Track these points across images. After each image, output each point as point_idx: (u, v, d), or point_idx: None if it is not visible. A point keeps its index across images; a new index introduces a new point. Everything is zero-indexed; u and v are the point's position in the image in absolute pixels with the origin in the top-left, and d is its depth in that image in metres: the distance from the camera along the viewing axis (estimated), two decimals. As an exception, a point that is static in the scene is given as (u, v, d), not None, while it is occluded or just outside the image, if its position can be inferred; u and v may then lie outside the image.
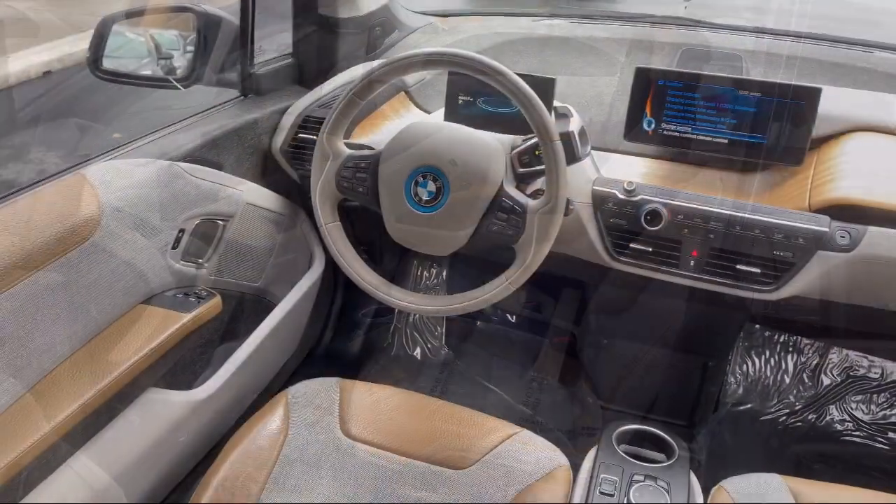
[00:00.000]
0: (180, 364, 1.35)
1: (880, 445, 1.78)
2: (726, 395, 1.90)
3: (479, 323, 2.18)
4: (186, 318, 1.19)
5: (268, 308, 1.52)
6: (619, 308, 1.69)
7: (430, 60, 1.06)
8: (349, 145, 1.17)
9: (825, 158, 1.25)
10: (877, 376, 1.87)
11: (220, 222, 1.35)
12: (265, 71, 1.53)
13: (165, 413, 1.22)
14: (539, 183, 1.21)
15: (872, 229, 1.12)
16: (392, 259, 2.03)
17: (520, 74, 1.04)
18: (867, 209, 1.14)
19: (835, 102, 1.27)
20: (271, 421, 1.15)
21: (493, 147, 1.09)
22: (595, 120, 1.43)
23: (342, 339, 1.96)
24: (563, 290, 2.14)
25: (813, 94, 1.20)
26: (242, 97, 1.52)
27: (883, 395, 1.85)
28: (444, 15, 1.96)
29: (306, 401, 1.18)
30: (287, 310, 1.51)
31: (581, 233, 1.27)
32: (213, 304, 1.26)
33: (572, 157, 1.19)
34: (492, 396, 1.92)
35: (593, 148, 1.34)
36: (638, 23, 1.82)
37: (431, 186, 1.07)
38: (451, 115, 1.33)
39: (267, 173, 1.53)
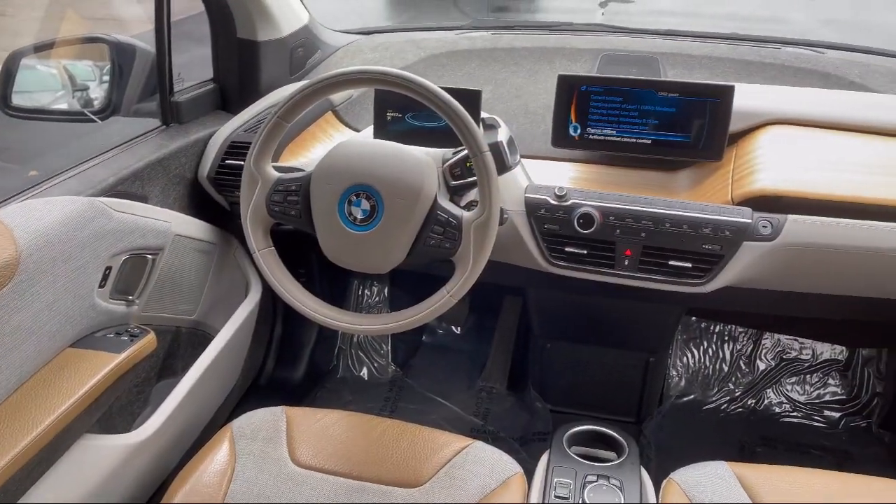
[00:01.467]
0: (116, 406, 1.29)
1: (817, 424, 1.86)
2: (669, 388, 1.95)
3: (424, 337, 2.18)
4: (119, 358, 1.14)
5: (205, 340, 1.48)
6: (560, 312, 1.71)
7: (354, 79, 1.05)
8: (278, 168, 1.15)
9: (743, 153, 1.30)
10: (808, 357, 1.96)
11: (149, 256, 1.30)
12: (186, 98, 1.50)
13: (103, 459, 1.17)
14: (472, 194, 1.21)
15: (791, 217, 1.18)
16: (332, 280, 2.01)
17: (446, 88, 1.05)
18: (785, 199, 1.19)
19: (748, 98, 1.33)
20: (216, 457, 1.11)
21: (424, 162, 1.09)
22: (523, 129, 1.45)
23: (286, 366, 1.92)
24: (505, 298, 2.15)
25: (727, 92, 1.25)
26: (164, 126, 1.48)
27: (815, 374, 1.94)
28: (367, 32, 1.96)
29: (252, 432, 1.15)
30: (226, 341, 1.47)
31: (517, 240, 1.28)
32: (147, 342, 1.21)
33: (503, 167, 1.21)
34: (442, 410, 1.91)
35: (523, 156, 1.35)
36: (557, 31, 1.86)
37: (365, 205, 1.06)
38: (380, 132, 1.32)
39: (195, 203, 1.49)
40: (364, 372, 2.04)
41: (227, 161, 1.44)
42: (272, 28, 1.58)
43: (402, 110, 1.30)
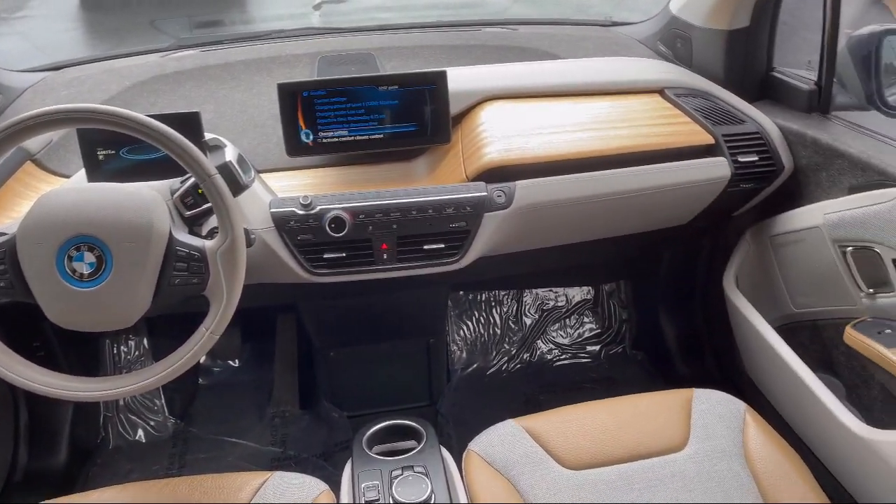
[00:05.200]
0: None
1: (583, 360, 2.07)
2: (454, 363, 2.04)
3: (200, 380, 2.03)
4: None
5: None
6: (336, 318, 1.70)
7: (36, 124, 0.93)
8: None
9: (467, 131, 1.38)
10: (563, 304, 2.16)
11: None
12: None
13: None
14: (213, 221, 1.15)
15: (520, 183, 1.28)
16: (77, 347, 1.79)
17: (159, 115, 0.97)
18: (510, 167, 1.29)
19: (461, 80, 1.41)
20: None
21: (148, 197, 1.00)
22: (255, 143, 1.40)
23: (43, 454, 1.67)
24: (278, 318, 2.09)
25: (441, 77, 1.31)
26: None
27: (573, 317, 2.15)
28: (57, 68, 1.75)
29: None
30: None
31: (272, 258, 1.24)
32: None
33: (238, 187, 1.16)
34: (237, 449, 1.81)
35: (261, 171, 1.31)
36: (271, 40, 1.82)
37: (89, 257, 0.95)
38: (94, 175, 1.19)
39: None
40: (140, 434, 1.86)
41: None
42: None
43: (115, 146, 1.19)
